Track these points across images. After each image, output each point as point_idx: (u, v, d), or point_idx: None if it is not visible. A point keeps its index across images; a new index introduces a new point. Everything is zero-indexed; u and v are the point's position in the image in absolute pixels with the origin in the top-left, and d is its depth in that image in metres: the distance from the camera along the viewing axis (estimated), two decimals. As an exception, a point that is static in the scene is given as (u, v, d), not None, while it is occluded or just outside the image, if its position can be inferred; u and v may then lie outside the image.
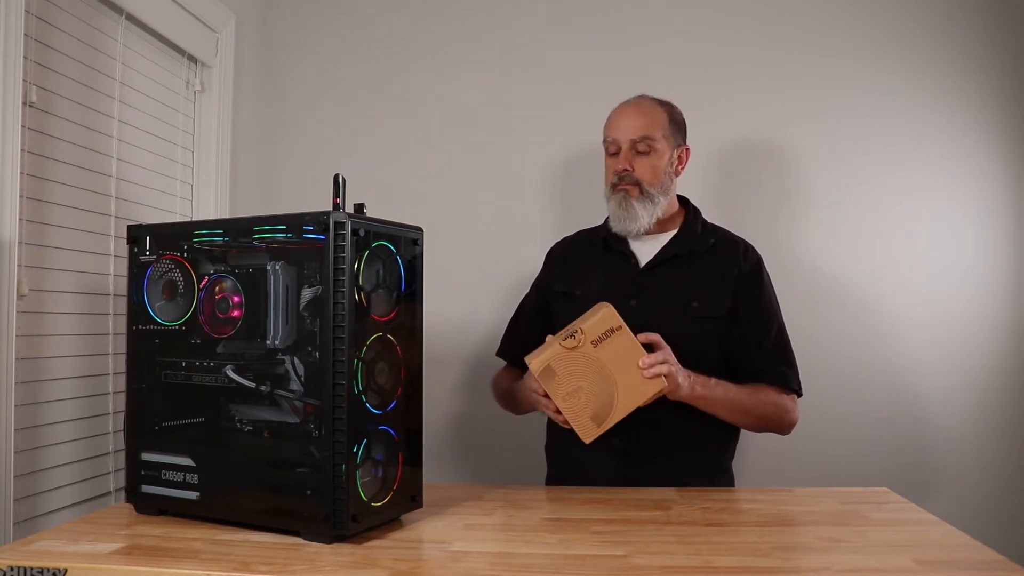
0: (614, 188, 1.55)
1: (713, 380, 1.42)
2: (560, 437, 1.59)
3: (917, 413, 1.97)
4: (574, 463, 1.54)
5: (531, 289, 1.72)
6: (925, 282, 1.97)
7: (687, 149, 1.60)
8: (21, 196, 1.26)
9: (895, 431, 1.96)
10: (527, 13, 2.08)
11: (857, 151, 1.99)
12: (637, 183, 1.53)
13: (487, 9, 2.10)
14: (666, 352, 1.34)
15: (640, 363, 1.30)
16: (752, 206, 2.00)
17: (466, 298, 2.04)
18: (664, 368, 1.31)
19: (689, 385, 1.36)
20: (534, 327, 1.61)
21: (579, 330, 1.30)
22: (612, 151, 1.57)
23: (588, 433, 1.32)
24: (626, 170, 1.53)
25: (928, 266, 1.98)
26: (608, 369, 1.30)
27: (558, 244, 1.73)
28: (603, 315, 1.30)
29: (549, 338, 1.36)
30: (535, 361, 1.32)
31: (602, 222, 1.66)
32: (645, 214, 1.53)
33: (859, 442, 1.95)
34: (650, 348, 1.35)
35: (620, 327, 1.29)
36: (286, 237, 1.07)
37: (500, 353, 1.71)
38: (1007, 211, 1.97)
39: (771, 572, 0.95)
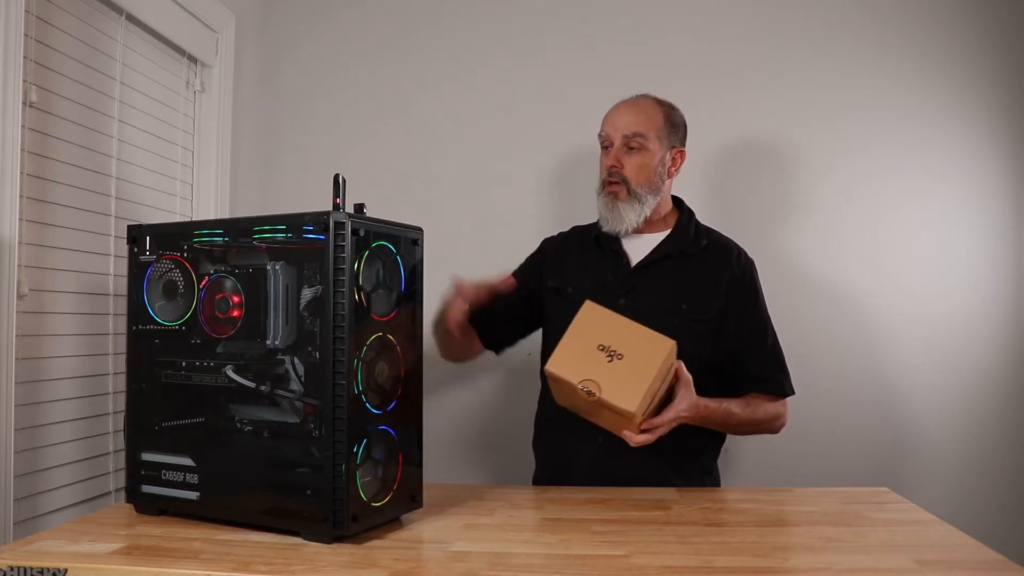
0: (603, 186, 1.56)
1: (717, 407, 1.41)
2: (546, 431, 1.60)
3: (918, 413, 1.97)
4: (558, 457, 1.56)
5: (519, 268, 1.68)
6: (924, 282, 1.98)
7: (682, 152, 1.59)
8: (21, 196, 1.26)
9: (896, 431, 1.96)
10: (528, 13, 2.08)
11: (856, 151, 1.99)
12: (625, 182, 1.53)
13: (487, 9, 2.10)
14: (654, 436, 1.30)
15: (624, 432, 1.29)
16: (749, 205, 2.00)
17: (466, 298, 2.04)
18: (636, 444, 1.29)
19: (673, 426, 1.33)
20: (507, 304, 1.59)
21: (598, 396, 1.23)
22: (605, 146, 1.58)
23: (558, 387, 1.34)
24: (614, 167, 1.54)
25: (926, 266, 1.98)
26: (601, 412, 1.29)
27: (553, 238, 1.72)
28: (625, 408, 1.23)
29: (571, 346, 1.29)
30: (554, 368, 1.27)
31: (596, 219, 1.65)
32: (632, 215, 1.53)
33: (859, 442, 1.95)
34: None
35: (633, 415, 1.24)
36: (286, 237, 1.07)
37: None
38: (1007, 211, 1.97)
39: (771, 572, 0.95)
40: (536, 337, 1.67)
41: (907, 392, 1.97)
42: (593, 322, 1.31)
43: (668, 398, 1.33)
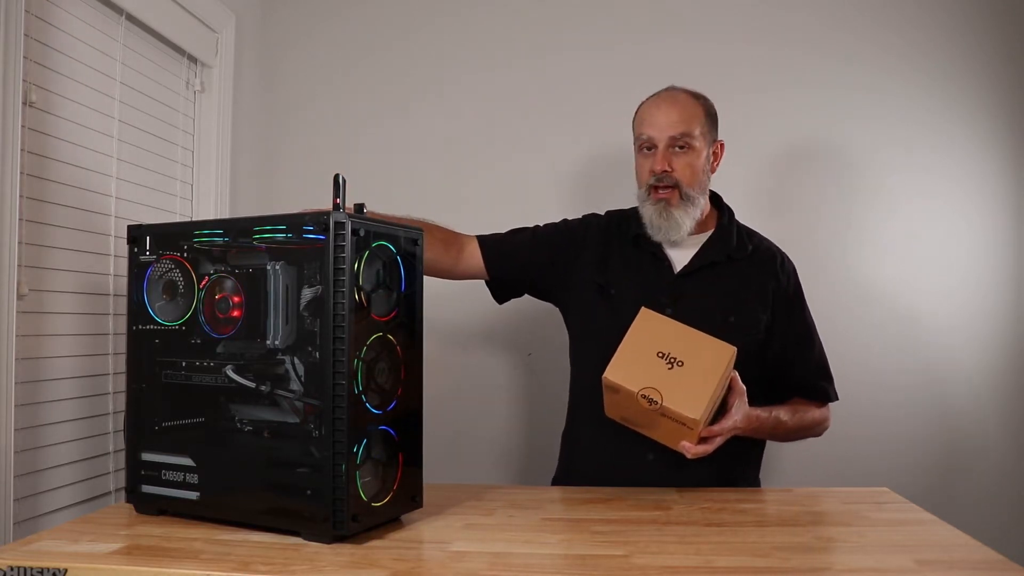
0: (651, 191, 1.47)
1: (767, 417, 1.39)
2: (589, 437, 1.52)
3: (917, 414, 1.97)
4: (601, 469, 1.48)
5: (552, 228, 1.62)
6: (923, 281, 1.98)
7: (721, 144, 1.52)
8: (21, 196, 1.26)
9: (896, 431, 1.96)
10: (527, 14, 2.08)
11: (856, 151, 1.99)
12: (676, 185, 1.45)
13: (488, 9, 2.10)
14: (713, 446, 1.28)
15: (682, 443, 1.26)
16: (748, 206, 2.00)
17: (466, 298, 2.03)
18: (694, 455, 1.27)
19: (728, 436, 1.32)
20: (521, 258, 1.57)
21: (661, 403, 1.21)
22: (646, 148, 1.48)
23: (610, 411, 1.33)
24: (665, 171, 1.45)
25: (926, 266, 1.98)
26: (658, 423, 1.26)
27: (597, 222, 1.62)
28: (689, 415, 1.20)
29: (628, 354, 1.25)
30: (613, 376, 1.24)
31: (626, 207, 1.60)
32: (687, 220, 1.46)
33: (860, 442, 1.95)
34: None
35: (696, 423, 1.21)
36: (286, 237, 1.07)
37: (480, 236, 1.61)
38: (1007, 211, 1.97)
39: (771, 572, 0.95)
40: (535, 337, 1.67)
41: (906, 392, 1.97)
42: (650, 329, 1.28)
43: (720, 409, 1.30)
